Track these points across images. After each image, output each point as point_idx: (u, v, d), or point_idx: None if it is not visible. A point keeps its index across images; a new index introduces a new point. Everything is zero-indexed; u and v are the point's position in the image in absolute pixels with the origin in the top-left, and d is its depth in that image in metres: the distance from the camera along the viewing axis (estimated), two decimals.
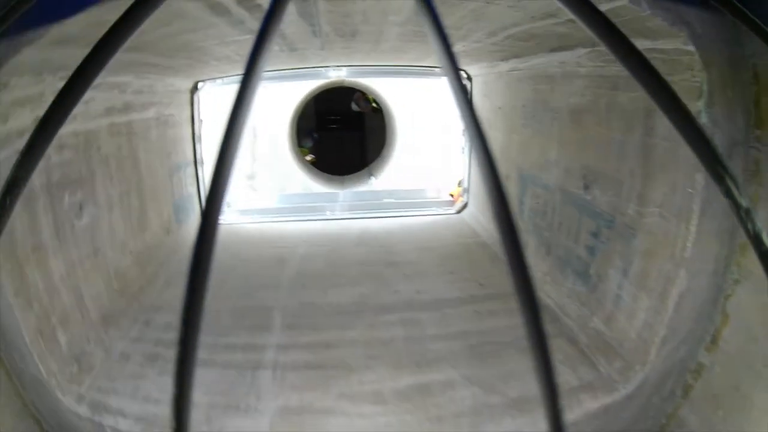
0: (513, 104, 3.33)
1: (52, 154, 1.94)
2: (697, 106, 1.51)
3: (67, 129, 1.98)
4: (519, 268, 0.46)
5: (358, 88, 5.96)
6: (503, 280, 2.93)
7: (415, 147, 5.26)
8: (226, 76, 3.90)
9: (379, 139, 6.40)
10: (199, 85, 3.86)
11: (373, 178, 5.35)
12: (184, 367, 0.46)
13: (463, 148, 4.13)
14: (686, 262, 1.65)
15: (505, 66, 3.33)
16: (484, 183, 0.50)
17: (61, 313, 1.92)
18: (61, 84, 0.61)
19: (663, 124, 1.76)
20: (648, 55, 0.58)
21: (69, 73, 0.62)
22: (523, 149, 3.26)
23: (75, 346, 1.99)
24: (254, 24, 1.96)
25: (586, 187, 2.39)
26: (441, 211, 4.24)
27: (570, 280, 2.53)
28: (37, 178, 1.81)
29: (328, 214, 4.23)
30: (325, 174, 5.81)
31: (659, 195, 1.79)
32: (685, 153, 0.74)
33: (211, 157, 4.78)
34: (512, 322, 2.35)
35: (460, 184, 4.39)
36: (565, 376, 1.94)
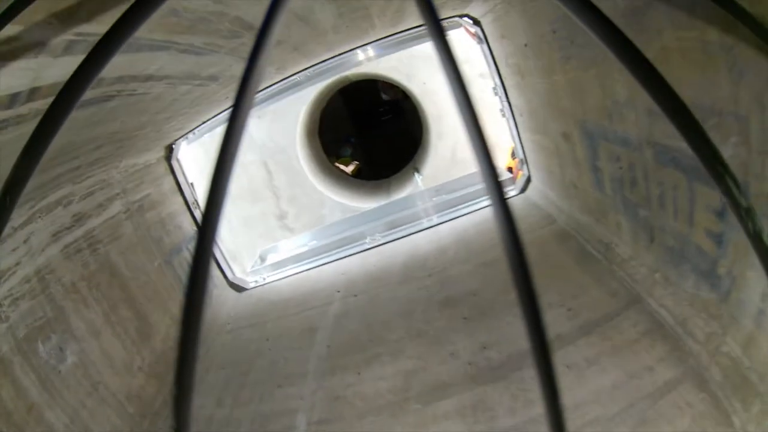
0: (541, 34, 2.33)
1: (9, 313, 1.85)
2: None
3: (14, 281, 1.90)
4: (515, 250, 0.44)
5: (374, 78, 5.12)
6: (601, 293, 2.00)
7: (449, 128, 4.31)
8: (208, 120, 3.36)
9: (415, 130, 5.51)
10: (174, 146, 3.36)
11: (418, 175, 4.49)
12: (184, 368, 0.47)
13: (501, 110, 3.14)
14: None
15: None
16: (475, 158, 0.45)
17: None
18: None
19: None
20: None
21: None
22: (574, 92, 2.27)
23: None
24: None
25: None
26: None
27: (690, 281, 1.65)
28: (3, 343, 1.77)
29: (369, 241, 3.51)
30: (370, 182, 5.09)
31: None
32: None
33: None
34: (628, 381, 1.48)
35: (513, 154, 3.40)
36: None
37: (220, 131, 3.86)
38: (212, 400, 2.36)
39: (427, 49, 4.24)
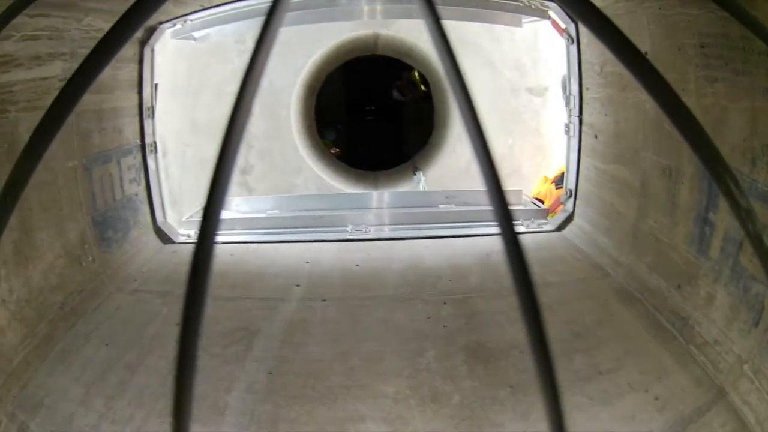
0: (679, 45, 1.91)
1: None
2: None
3: None
4: (514, 251, 0.44)
5: (395, 56, 4.54)
6: (685, 379, 1.49)
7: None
8: (206, 8, 2.59)
9: (425, 122, 4.96)
10: (156, 30, 2.55)
11: (420, 173, 3.89)
12: (184, 368, 0.46)
13: (567, 126, 2.64)
14: None
15: None
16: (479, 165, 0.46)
17: None
18: None
19: None
20: None
21: None
22: (707, 122, 1.80)
23: None
24: None
25: None
26: (528, 226, 2.76)
27: None
28: None
29: (352, 231, 2.81)
30: (354, 169, 4.43)
31: None
32: None
33: (172, 139, 3.61)
34: None
35: (558, 182, 2.92)
36: None
37: (215, 33, 3.10)
38: (77, 393, 1.59)
39: (484, 32, 3.73)
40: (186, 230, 2.95)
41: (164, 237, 2.81)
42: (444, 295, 2.01)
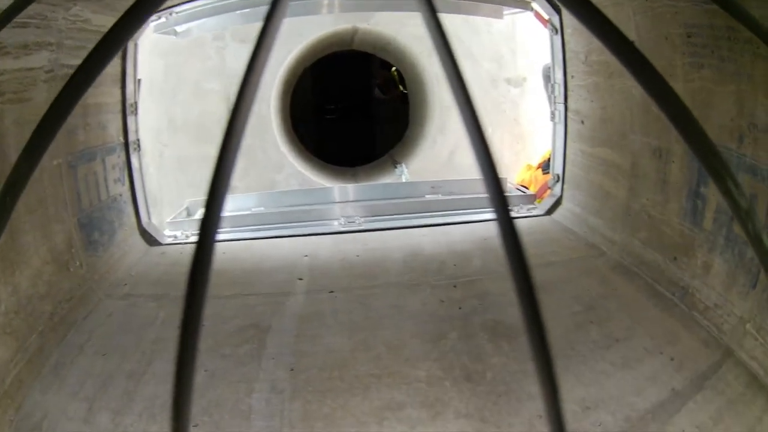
0: (666, 34, 2.02)
1: None
2: None
3: None
4: (513, 245, 0.44)
5: (371, 51, 4.54)
6: (694, 341, 1.60)
7: (456, 123, 3.84)
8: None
9: (400, 117, 4.99)
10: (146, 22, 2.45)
11: (402, 167, 3.91)
12: (184, 368, 0.46)
13: (553, 113, 2.73)
14: None
15: None
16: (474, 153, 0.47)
17: None
18: None
19: None
20: None
21: None
22: (695, 104, 1.94)
23: None
24: None
25: None
26: (518, 211, 2.84)
27: None
28: None
29: (343, 223, 2.81)
30: (331, 165, 4.40)
31: None
32: None
33: (149, 139, 3.48)
34: None
35: (545, 168, 3.02)
36: None
37: (197, 27, 3.00)
38: (79, 410, 1.49)
39: (463, 25, 3.79)
40: (171, 231, 2.86)
41: (150, 239, 2.71)
42: (452, 279, 2.04)
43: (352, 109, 6.81)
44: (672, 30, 1.95)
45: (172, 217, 2.99)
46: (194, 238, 2.61)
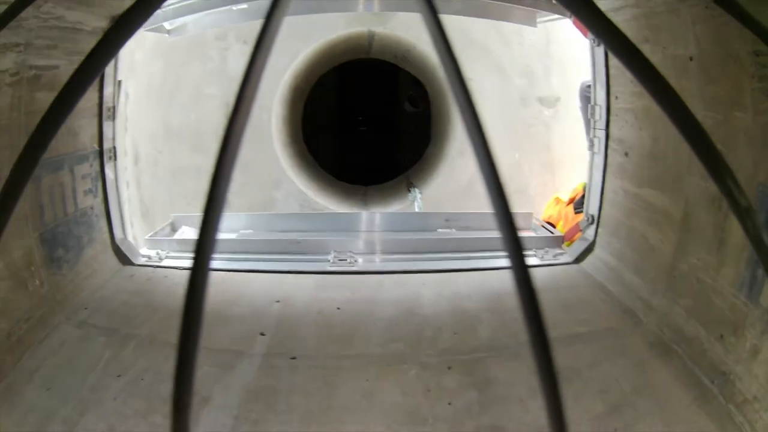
0: (728, 51, 1.66)
1: None
2: None
3: None
4: (515, 250, 0.41)
5: (391, 60, 4.24)
6: None
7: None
8: None
9: (421, 133, 4.66)
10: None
11: (416, 192, 3.58)
12: (184, 367, 0.45)
13: (592, 140, 2.36)
14: None
15: None
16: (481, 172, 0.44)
17: None
18: None
19: None
20: None
21: None
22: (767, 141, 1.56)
23: None
24: None
25: None
26: (542, 257, 2.45)
27: None
28: None
29: (334, 261, 2.46)
30: (341, 182, 4.10)
31: None
32: None
33: (145, 145, 3.26)
34: None
35: (577, 205, 2.65)
36: None
37: (192, 24, 2.77)
38: None
39: (492, 34, 3.45)
40: (149, 250, 2.61)
41: (122, 257, 2.46)
42: (448, 356, 1.67)
43: (375, 122, 6.53)
44: (737, 46, 1.57)
45: (152, 234, 2.74)
46: (168, 261, 2.32)
